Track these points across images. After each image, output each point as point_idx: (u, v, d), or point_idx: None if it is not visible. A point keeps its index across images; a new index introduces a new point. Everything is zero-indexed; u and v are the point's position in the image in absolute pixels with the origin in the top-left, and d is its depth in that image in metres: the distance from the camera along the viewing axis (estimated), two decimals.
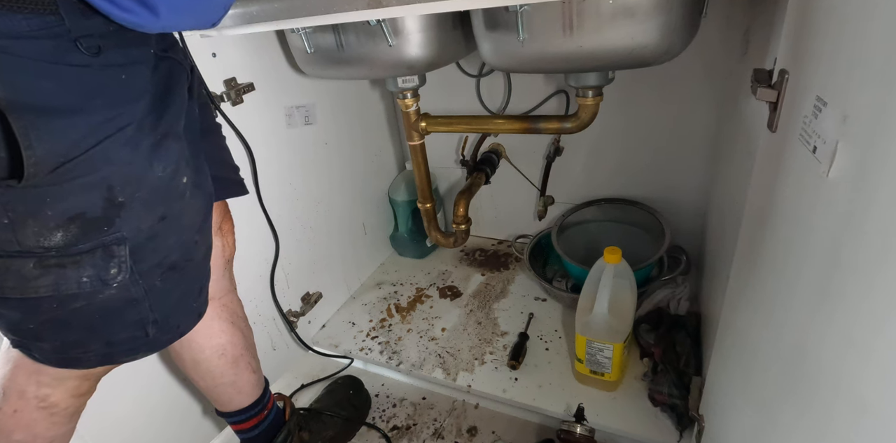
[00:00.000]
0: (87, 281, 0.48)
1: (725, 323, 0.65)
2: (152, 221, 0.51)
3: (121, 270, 0.50)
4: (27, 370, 0.57)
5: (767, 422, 0.44)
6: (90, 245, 0.47)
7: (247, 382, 0.79)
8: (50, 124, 0.42)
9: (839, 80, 0.32)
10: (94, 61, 0.44)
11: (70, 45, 0.42)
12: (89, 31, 0.43)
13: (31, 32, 0.40)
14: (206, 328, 0.72)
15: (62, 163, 0.43)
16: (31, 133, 0.40)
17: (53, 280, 0.47)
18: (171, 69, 0.54)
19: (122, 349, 0.56)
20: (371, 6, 0.64)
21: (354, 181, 1.28)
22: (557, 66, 0.78)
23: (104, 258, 0.48)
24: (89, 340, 0.54)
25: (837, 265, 0.31)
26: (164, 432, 0.88)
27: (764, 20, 0.72)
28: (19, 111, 0.40)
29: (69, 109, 0.43)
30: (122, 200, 0.48)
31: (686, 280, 1.08)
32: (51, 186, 0.43)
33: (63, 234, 0.46)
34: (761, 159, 0.52)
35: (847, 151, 0.30)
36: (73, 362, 0.56)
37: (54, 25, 0.41)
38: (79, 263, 0.47)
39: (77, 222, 0.46)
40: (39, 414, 0.59)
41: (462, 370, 1.04)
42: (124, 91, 0.47)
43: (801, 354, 0.37)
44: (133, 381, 0.79)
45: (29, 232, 0.44)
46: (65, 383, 0.60)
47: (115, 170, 0.47)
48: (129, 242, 0.49)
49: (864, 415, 0.28)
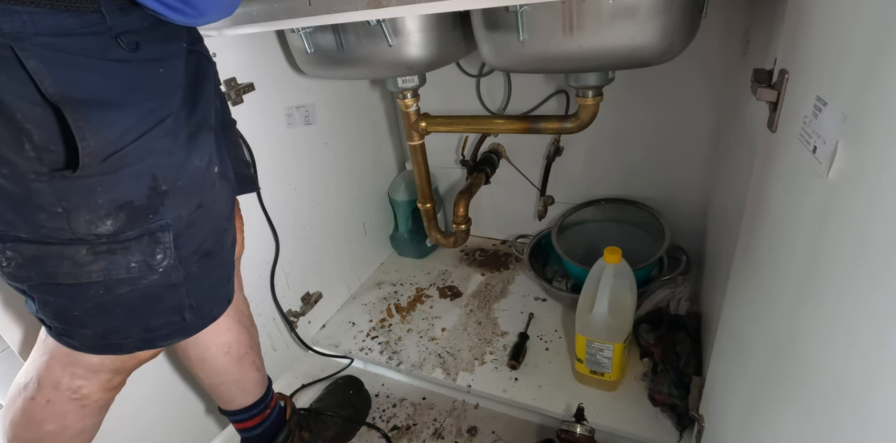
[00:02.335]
0: (136, 266, 0.51)
1: (725, 323, 0.65)
2: (191, 208, 0.54)
3: (166, 256, 0.52)
4: (62, 362, 0.59)
5: (766, 422, 0.44)
6: (137, 232, 0.50)
7: (251, 380, 0.79)
8: (100, 117, 0.44)
9: (839, 80, 0.32)
10: (134, 56, 0.46)
11: (112, 41, 0.45)
12: (128, 28, 0.46)
13: (77, 29, 0.42)
14: (212, 326, 0.72)
15: (112, 153, 0.45)
16: (85, 125, 0.43)
17: (105, 266, 0.49)
18: (199, 63, 0.56)
19: (161, 334, 0.58)
20: (371, 6, 0.64)
21: (354, 181, 1.28)
22: (557, 66, 0.78)
23: (150, 244, 0.51)
24: (130, 325, 0.55)
25: (837, 266, 0.31)
26: (167, 429, 0.88)
27: (764, 20, 0.72)
28: (73, 105, 0.42)
29: (115, 102, 0.45)
30: (164, 188, 0.50)
31: (686, 280, 1.08)
32: (101, 175, 0.46)
33: (113, 221, 0.48)
34: (761, 159, 0.52)
35: (847, 151, 0.30)
36: (112, 348, 0.57)
37: (97, 23, 0.43)
38: (128, 249, 0.50)
39: (125, 210, 0.48)
40: (71, 405, 0.61)
41: (462, 370, 1.04)
42: (162, 84, 0.49)
43: (801, 354, 0.37)
44: (137, 379, 0.78)
45: (81, 220, 0.47)
46: (98, 375, 0.61)
47: (158, 160, 0.49)
48: (172, 228, 0.52)
49: (850, 409, 0.28)
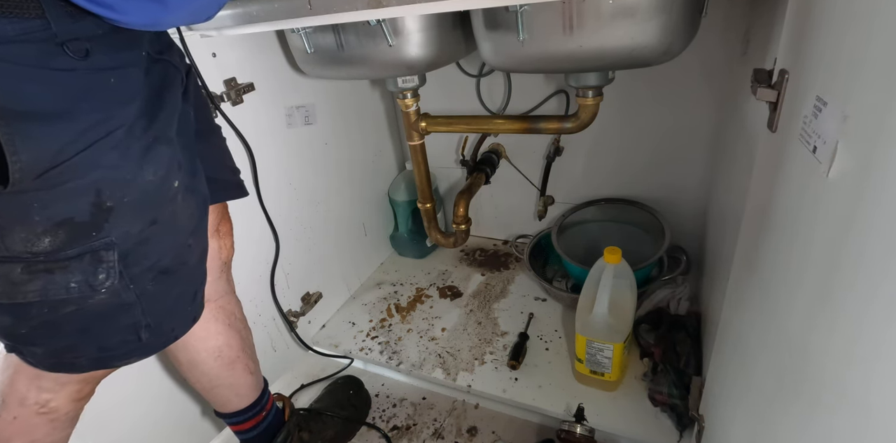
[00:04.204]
0: (76, 286, 0.47)
1: (725, 323, 0.65)
2: (142, 225, 0.50)
3: (109, 276, 0.49)
4: (27, 375, 0.57)
5: (765, 422, 0.44)
6: (78, 250, 0.47)
7: (244, 384, 0.79)
8: (36, 129, 0.41)
9: (839, 80, 0.31)
10: (81, 65, 0.43)
11: (56, 48, 0.41)
12: (77, 35, 0.42)
13: (15, 36, 0.39)
14: (202, 330, 0.71)
15: (49, 168, 0.42)
16: (16, 139, 0.39)
17: (41, 285, 0.46)
18: (165, 72, 0.53)
19: (116, 354, 0.56)
20: (371, 6, 0.64)
21: (354, 181, 1.28)
22: (557, 66, 0.78)
23: (92, 263, 0.48)
24: (82, 344, 0.53)
25: (838, 266, 0.31)
26: (164, 431, 0.88)
27: (764, 20, 0.72)
28: (5, 117, 0.39)
29: (55, 114, 0.41)
30: (110, 204, 0.47)
31: (686, 280, 1.08)
32: (37, 191, 0.43)
33: (51, 239, 0.45)
34: (761, 159, 0.52)
35: (847, 151, 0.30)
36: (66, 367, 0.55)
37: (39, 30, 0.40)
38: (66, 268, 0.47)
39: (65, 228, 0.45)
40: (39, 420, 0.59)
41: (462, 370, 1.04)
42: (113, 94, 0.46)
43: (801, 355, 0.37)
44: (132, 381, 0.79)
45: (17, 237, 0.44)
46: (66, 387, 0.59)
47: (103, 174, 0.46)
48: (118, 246, 0.49)
49: (850, 409, 0.28)
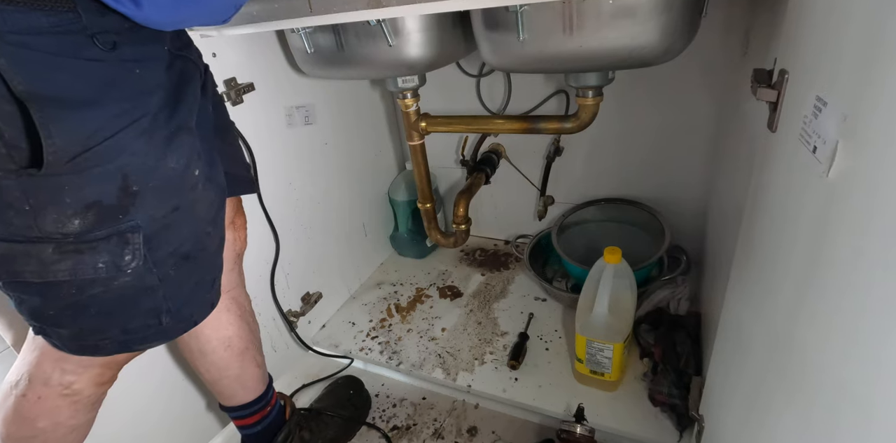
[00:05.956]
0: (103, 267, 0.50)
1: (725, 323, 0.65)
2: (165, 210, 0.53)
3: (135, 257, 0.51)
4: (52, 357, 0.59)
5: (765, 422, 0.44)
6: (106, 232, 0.49)
7: (251, 376, 0.80)
8: (68, 115, 0.44)
9: (839, 80, 0.31)
10: (110, 56, 0.46)
11: (87, 40, 0.44)
12: (105, 28, 0.45)
13: (50, 28, 0.42)
14: (214, 320, 0.73)
15: (80, 152, 0.45)
16: (51, 124, 0.42)
17: (71, 265, 0.49)
18: (185, 67, 0.56)
19: (137, 337, 0.57)
20: (371, 6, 0.64)
21: (354, 181, 1.28)
22: (557, 66, 0.78)
23: (119, 245, 0.50)
24: (107, 327, 0.55)
25: (838, 266, 0.31)
26: (168, 426, 0.88)
27: (764, 20, 0.72)
28: (39, 103, 0.42)
29: (86, 101, 0.45)
30: (136, 189, 0.50)
31: (686, 280, 1.08)
32: (69, 174, 0.45)
33: (80, 221, 0.47)
34: (761, 159, 0.52)
35: (847, 151, 0.30)
36: (89, 350, 0.57)
37: (72, 22, 0.43)
38: (95, 248, 0.49)
39: (94, 210, 0.48)
40: (63, 401, 0.60)
41: (462, 370, 1.04)
42: (138, 85, 0.49)
43: (801, 355, 0.37)
44: (138, 374, 0.79)
45: (49, 219, 0.46)
46: (89, 370, 0.61)
47: (129, 160, 0.48)
48: (143, 230, 0.51)
49: (851, 409, 0.28)
